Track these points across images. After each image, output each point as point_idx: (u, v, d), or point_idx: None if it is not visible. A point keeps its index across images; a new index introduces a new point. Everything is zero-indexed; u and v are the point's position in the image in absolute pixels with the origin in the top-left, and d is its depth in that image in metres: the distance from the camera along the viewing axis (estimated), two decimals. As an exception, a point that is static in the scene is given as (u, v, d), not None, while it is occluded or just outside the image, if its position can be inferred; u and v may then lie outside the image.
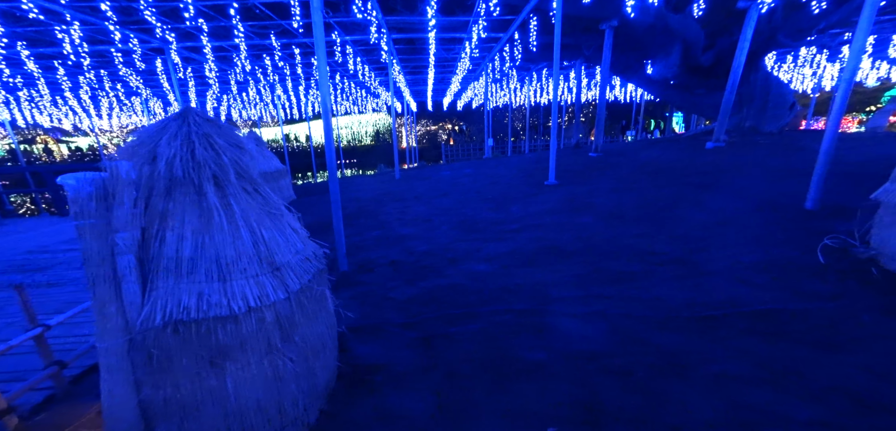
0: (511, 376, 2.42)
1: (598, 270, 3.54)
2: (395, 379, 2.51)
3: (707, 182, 6.03)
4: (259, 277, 1.89)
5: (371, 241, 5.19)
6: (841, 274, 3.24)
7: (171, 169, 1.75)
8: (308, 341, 2.17)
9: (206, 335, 1.66)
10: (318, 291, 2.31)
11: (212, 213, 1.81)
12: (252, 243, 1.94)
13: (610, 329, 2.73)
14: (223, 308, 1.67)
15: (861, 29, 3.82)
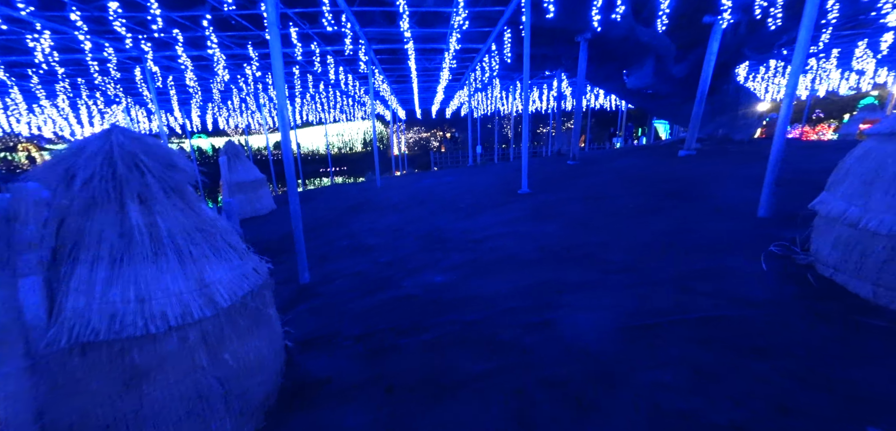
0: (451, 389, 2.44)
1: (553, 280, 3.60)
2: (338, 394, 2.52)
3: (672, 190, 6.19)
4: (183, 295, 1.89)
5: (339, 251, 5.19)
6: (780, 281, 3.36)
7: (89, 188, 1.75)
8: (241, 358, 2.17)
9: (119, 356, 1.65)
10: (254, 306, 2.32)
11: (133, 232, 1.82)
12: (178, 261, 1.95)
13: (554, 339, 2.78)
14: (138, 328, 1.67)
15: (799, 47, 4.00)
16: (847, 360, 2.41)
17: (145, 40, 7.58)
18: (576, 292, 3.35)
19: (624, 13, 6.45)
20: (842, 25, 8.52)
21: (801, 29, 3.90)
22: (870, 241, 2.94)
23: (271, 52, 3.58)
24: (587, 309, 3.09)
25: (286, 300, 4.01)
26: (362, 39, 8.75)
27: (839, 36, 10.16)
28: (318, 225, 7.03)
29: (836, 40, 10.58)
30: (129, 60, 9.45)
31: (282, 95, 3.73)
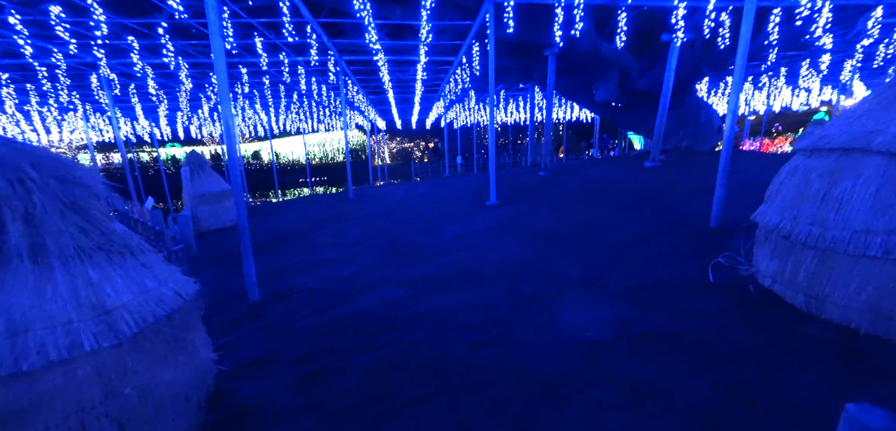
0: (388, 415, 2.32)
1: (507, 294, 3.55)
2: (267, 424, 2.35)
3: (634, 201, 6.34)
4: (72, 324, 1.71)
5: (296, 266, 4.99)
6: (724, 292, 3.44)
7: (-43, 208, 1.57)
8: (150, 391, 1.98)
9: (-21, 398, 1.46)
10: (171, 333, 2.14)
11: (11, 256, 1.64)
12: (69, 287, 1.77)
13: (500, 357, 2.72)
14: (5, 366, 1.49)
15: (737, 69, 4.21)
16: (779, 370, 2.46)
17: (98, 47, 7.21)
18: (528, 307, 3.32)
19: (584, 30, 6.68)
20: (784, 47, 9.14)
21: (738, 54, 4.11)
22: (800, 252, 3.06)
23: (215, 63, 3.43)
24: (536, 326, 3.05)
25: (231, 320, 3.79)
26: (331, 50, 8.65)
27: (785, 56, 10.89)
28: (282, 238, 6.78)
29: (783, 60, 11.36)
30: (83, 66, 8.97)
31: (227, 104, 3.58)
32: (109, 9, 5.61)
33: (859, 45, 8.97)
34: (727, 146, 4.67)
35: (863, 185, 2.69)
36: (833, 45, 8.95)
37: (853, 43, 8.86)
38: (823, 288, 2.92)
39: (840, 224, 2.79)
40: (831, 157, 2.97)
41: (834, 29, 8.46)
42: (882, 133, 2.70)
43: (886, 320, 2.63)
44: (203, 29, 7.21)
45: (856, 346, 2.64)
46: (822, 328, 2.85)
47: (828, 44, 8.03)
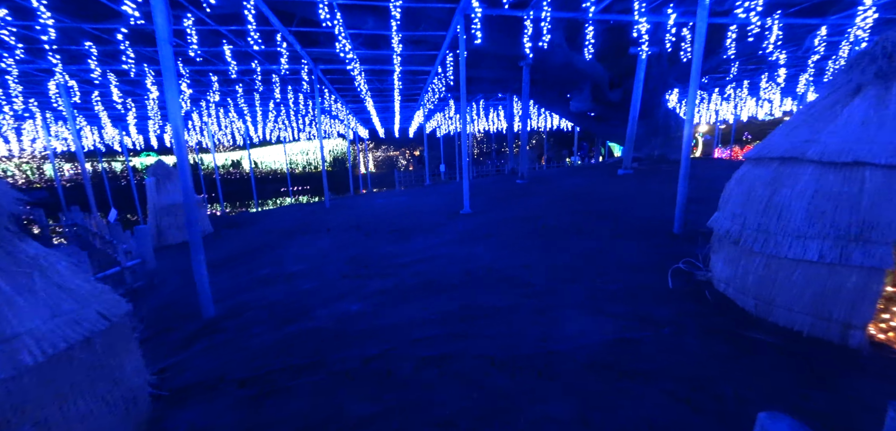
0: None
1: (469, 306, 3.50)
2: (201, 453, 2.20)
3: (603, 209, 6.45)
4: (-41, 355, 1.56)
5: (258, 279, 4.81)
6: (682, 299, 3.50)
7: None
8: (58, 426, 1.82)
9: None
10: (88, 359, 1.98)
11: None
12: (-41, 314, 1.61)
13: (451, 373, 2.65)
14: None
15: (693, 83, 4.37)
16: (728, 375, 2.49)
17: (53, 52, 6.87)
18: (488, 319, 3.27)
19: (555, 42, 6.85)
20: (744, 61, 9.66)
21: (692, 69, 4.27)
22: (749, 258, 3.15)
23: (163, 69, 3.30)
24: (493, 338, 3.01)
25: (182, 339, 3.59)
26: (305, 59, 8.54)
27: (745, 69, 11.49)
28: (250, 250, 6.55)
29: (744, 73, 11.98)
30: (39, 72, 8.54)
31: (176, 111, 3.43)
32: (61, 12, 5.35)
33: (810, 60, 9.56)
34: (686, 155, 4.81)
35: (799, 192, 2.80)
36: (788, 61, 9.53)
37: (805, 58, 9.44)
38: (770, 292, 3.00)
39: (781, 230, 2.89)
40: (772, 166, 3.08)
41: (786, 46, 8.97)
42: (815, 144, 2.82)
43: (825, 321, 2.72)
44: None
45: (798, 348, 2.71)
46: (769, 331, 2.93)
47: (782, 59, 8.56)
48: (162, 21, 3.25)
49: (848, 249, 2.56)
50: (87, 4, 5.45)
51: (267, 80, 10.06)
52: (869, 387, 2.30)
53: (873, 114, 2.65)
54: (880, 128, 2.58)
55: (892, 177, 2.45)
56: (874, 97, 2.70)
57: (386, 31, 7.15)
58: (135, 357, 2.41)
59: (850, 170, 2.60)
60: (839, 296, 2.64)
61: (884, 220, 2.45)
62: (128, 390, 2.24)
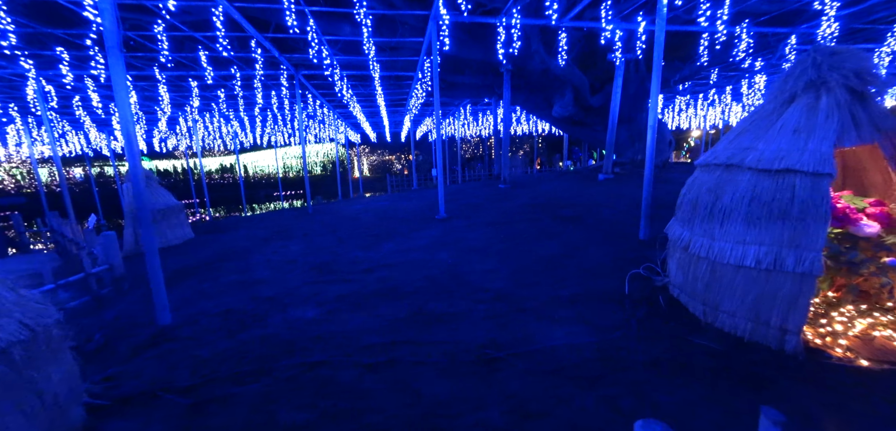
0: (260, 447, 2.20)
1: (423, 312, 3.50)
2: (126, 465, 2.17)
3: (577, 214, 6.49)
4: None
5: (223, 286, 4.77)
6: (636, 304, 3.52)
7: None
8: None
9: None
10: (5, 371, 1.95)
11: None
12: None
13: (392, 381, 2.65)
14: None
15: (653, 89, 4.43)
16: (666, 382, 2.50)
17: (25, 57, 6.83)
18: (438, 325, 3.28)
19: (531, 48, 6.92)
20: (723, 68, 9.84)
21: (653, 75, 4.33)
22: (697, 264, 3.18)
23: (112, 78, 3.29)
24: (442, 344, 3.01)
25: (133, 347, 3.54)
26: (284, 65, 8.56)
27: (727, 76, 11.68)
28: (221, 256, 6.50)
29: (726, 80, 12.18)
30: (15, 76, 8.47)
31: (127, 112, 3.42)
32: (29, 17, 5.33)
33: (784, 66, 9.74)
34: (649, 161, 4.87)
35: (738, 199, 2.84)
36: (764, 68, 9.70)
37: (779, 66, 9.62)
38: (716, 298, 3.04)
39: (723, 236, 2.93)
40: (717, 172, 3.13)
41: (761, 54, 9.14)
42: (753, 151, 2.87)
43: (764, 326, 2.76)
44: (141, 41, 6.98)
45: (738, 353, 2.74)
46: (714, 337, 2.95)
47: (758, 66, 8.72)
48: (110, 26, 3.24)
49: (782, 255, 2.60)
50: (54, 10, 5.44)
51: (249, 85, 10.05)
52: (796, 392, 2.33)
53: (805, 122, 2.71)
54: (809, 136, 2.63)
55: (819, 185, 2.49)
56: (806, 106, 2.76)
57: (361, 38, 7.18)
58: (65, 367, 2.38)
59: (782, 177, 2.65)
60: (775, 301, 2.67)
61: (812, 227, 2.49)
62: (53, 401, 2.21)
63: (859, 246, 2.80)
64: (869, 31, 8.75)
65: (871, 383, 2.37)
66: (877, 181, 3.01)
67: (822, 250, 2.49)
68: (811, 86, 2.79)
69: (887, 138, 2.67)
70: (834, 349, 2.63)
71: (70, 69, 6.87)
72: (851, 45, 7.68)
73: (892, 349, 2.58)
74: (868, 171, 3.08)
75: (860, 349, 2.60)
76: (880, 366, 2.46)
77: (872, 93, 2.68)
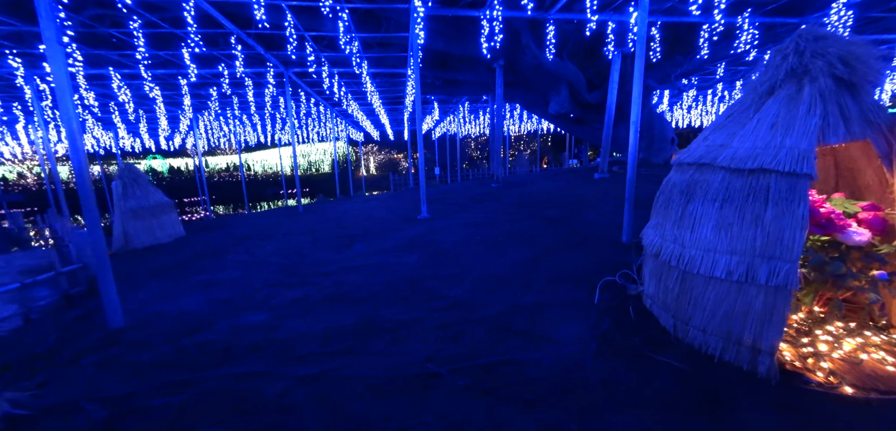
0: (161, 467, 2.03)
1: (372, 319, 3.30)
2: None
3: (562, 215, 6.19)
4: None
5: (186, 287, 4.67)
6: (602, 315, 3.24)
7: None
8: None
9: None
10: None
11: None
12: None
13: (320, 396, 2.45)
14: None
15: (636, 83, 4.12)
16: (617, 406, 2.24)
17: (14, 55, 6.90)
18: (383, 334, 3.07)
19: (522, 43, 6.64)
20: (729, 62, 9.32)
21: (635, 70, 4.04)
22: (667, 273, 2.89)
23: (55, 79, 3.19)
24: (383, 356, 2.80)
25: (77, 352, 3.44)
26: (271, 62, 8.47)
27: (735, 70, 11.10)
28: (198, 255, 6.44)
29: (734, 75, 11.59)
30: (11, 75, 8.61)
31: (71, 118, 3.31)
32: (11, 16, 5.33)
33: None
34: (632, 161, 4.56)
35: (709, 201, 2.54)
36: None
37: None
38: (686, 311, 2.74)
39: (694, 243, 2.63)
40: (689, 171, 2.83)
41: (768, 47, 8.61)
42: (727, 148, 2.56)
43: (735, 345, 2.46)
44: (123, 37, 6.96)
45: (705, 375, 2.45)
46: (682, 354, 2.66)
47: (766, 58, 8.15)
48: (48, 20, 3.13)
49: (754, 265, 2.30)
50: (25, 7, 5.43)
51: (241, 83, 10.02)
52: (761, 422, 2.04)
53: (783, 116, 2.39)
54: (787, 132, 2.32)
55: (795, 186, 2.18)
56: (786, 98, 2.44)
57: (348, 34, 7.01)
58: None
59: (755, 178, 2.35)
60: (748, 318, 2.37)
61: (787, 234, 2.19)
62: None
63: (849, 256, 2.47)
64: (889, 20, 8.15)
65: (852, 414, 2.06)
66: (871, 183, 2.66)
67: (800, 261, 2.18)
68: (793, 75, 2.47)
69: (880, 134, 2.34)
70: (814, 373, 2.31)
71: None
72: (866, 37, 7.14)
73: (883, 375, 2.25)
74: (862, 171, 2.73)
75: (845, 374, 2.28)
76: (866, 394, 2.14)
77: (865, 83, 2.34)
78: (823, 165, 3.04)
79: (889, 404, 2.10)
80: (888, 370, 2.29)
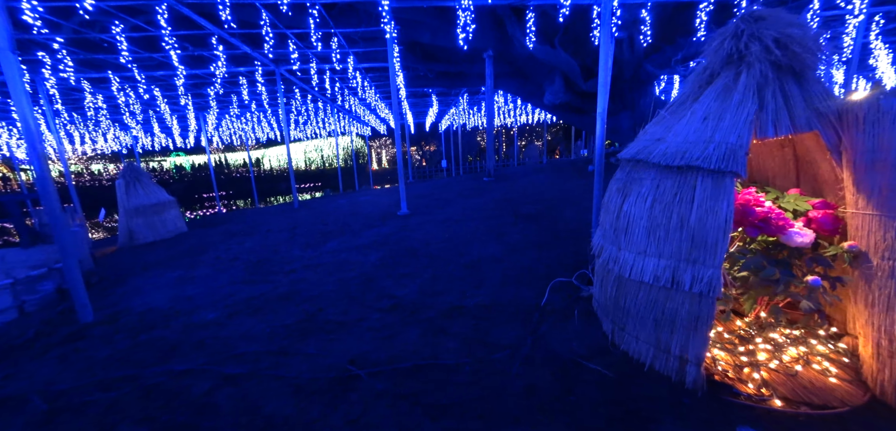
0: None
1: (314, 319, 3.33)
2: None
3: (539, 211, 6.03)
4: None
5: (161, 283, 4.85)
6: (547, 317, 3.14)
7: None
8: None
9: None
10: None
11: None
12: None
13: (241, 397, 2.49)
14: None
15: (602, 70, 3.89)
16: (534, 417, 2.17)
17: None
18: (321, 334, 3.08)
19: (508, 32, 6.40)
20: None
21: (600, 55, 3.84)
22: (606, 275, 2.76)
23: (8, 81, 3.32)
24: (313, 357, 2.82)
25: (43, 346, 3.64)
26: (258, 60, 8.58)
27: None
28: (186, 252, 6.67)
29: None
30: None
31: (28, 119, 3.46)
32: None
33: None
34: (599, 154, 4.35)
35: (641, 201, 2.39)
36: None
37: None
38: (622, 317, 2.61)
39: (628, 245, 2.49)
40: (627, 168, 2.67)
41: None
42: (662, 143, 2.39)
43: (664, 353, 2.32)
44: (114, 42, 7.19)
45: (633, 385, 2.32)
46: (615, 362, 2.54)
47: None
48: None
49: (679, 270, 2.16)
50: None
51: (234, 82, 10.22)
52: (670, 440, 1.92)
53: (715, 108, 2.20)
54: (718, 125, 2.13)
55: (721, 185, 2.01)
56: (722, 87, 2.25)
57: (327, 29, 7.00)
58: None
59: (684, 175, 2.18)
60: (675, 326, 2.23)
61: (711, 237, 2.03)
62: None
63: (794, 259, 2.27)
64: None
65: (775, 429, 1.91)
66: (828, 178, 2.42)
67: (722, 266, 2.03)
68: (730, 61, 2.27)
69: (828, 125, 2.12)
70: (746, 385, 2.16)
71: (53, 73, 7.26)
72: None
73: (820, 388, 2.07)
74: (819, 164, 2.49)
75: (779, 386, 2.12)
76: (795, 409, 1.98)
77: (807, 68, 2.12)
78: (782, 157, 2.80)
79: (818, 419, 1.93)
80: (829, 382, 2.10)
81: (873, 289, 1.98)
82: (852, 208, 2.08)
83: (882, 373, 1.97)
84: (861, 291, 2.05)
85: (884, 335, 1.94)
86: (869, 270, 1.99)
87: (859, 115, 1.98)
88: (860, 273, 2.04)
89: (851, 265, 2.08)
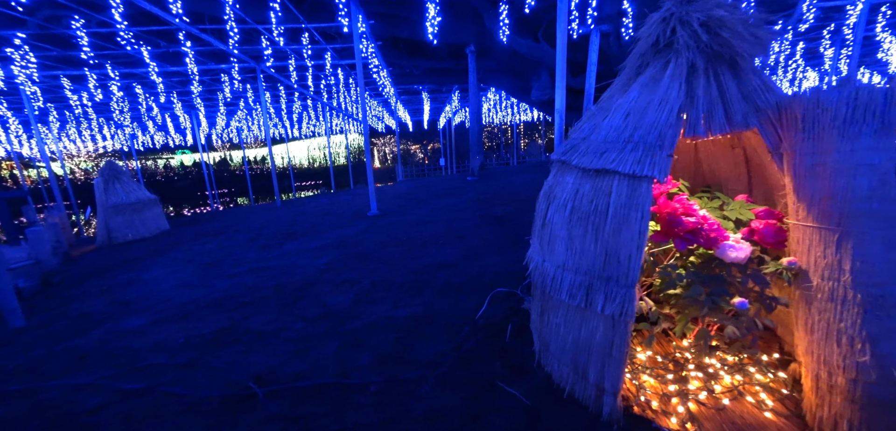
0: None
1: (236, 328, 3.14)
2: None
3: (509, 212, 5.77)
4: None
5: (108, 287, 4.73)
6: (476, 333, 2.89)
7: None
8: None
9: None
10: None
11: None
12: None
13: (127, 416, 2.30)
14: None
15: (559, 60, 3.61)
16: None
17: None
18: (236, 346, 2.89)
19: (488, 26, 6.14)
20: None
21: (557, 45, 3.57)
22: (535, 288, 2.50)
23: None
24: (217, 371, 2.62)
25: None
26: (234, 57, 8.44)
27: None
28: (149, 253, 6.57)
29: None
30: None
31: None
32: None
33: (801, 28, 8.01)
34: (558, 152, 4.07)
35: (562, 207, 2.12)
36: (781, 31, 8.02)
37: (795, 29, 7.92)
38: (546, 335, 2.36)
39: (551, 256, 2.23)
40: (554, 170, 2.40)
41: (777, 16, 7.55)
42: (585, 142, 2.12)
43: (582, 380, 2.07)
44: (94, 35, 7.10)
45: (549, 414, 2.08)
46: (535, 387, 2.29)
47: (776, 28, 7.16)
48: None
49: (594, 289, 1.90)
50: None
51: (217, 78, 10.12)
52: (564, 486, 1.67)
53: (639, 102, 1.93)
54: (639, 122, 1.86)
55: (637, 191, 1.75)
56: (649, 78, 1.97)
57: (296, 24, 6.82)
58: None
59: (601, 179, 1.92)
60: (591, 350, 1.98)
61: (624, 252, 1.76)
62: None
63: (730, 275, 1.99)
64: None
65: (690, 479, 1.64)
66: (778, 183, 2.13)
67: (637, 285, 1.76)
68: (659, 50, 1.99)
69: (768, 122, 1.83)
70: (669, 419, 1.89)
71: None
72: None
73: (751, 423, 1.80)
74: (769, 167, 2.19)
75: (705, 420, 1.85)
76: (718, 453, 1.71)
77: (742, 58, 1.83)
78: (733, 159, 2.51)
79: (743, 466, 1.66)
80: (762, 417, 1.83)
81: (813, 313, 1.70)
82: (793, 218, 1.80)
83: (821, 409, 1.69)
84: (801, 314, 1.77)
85: (823, 367, 1.66)
86: (809, 290, 1.71)
87: (798, 112, 1.70)
88: (801, 294, 1.76)
89: (793, 284, 1.80)
